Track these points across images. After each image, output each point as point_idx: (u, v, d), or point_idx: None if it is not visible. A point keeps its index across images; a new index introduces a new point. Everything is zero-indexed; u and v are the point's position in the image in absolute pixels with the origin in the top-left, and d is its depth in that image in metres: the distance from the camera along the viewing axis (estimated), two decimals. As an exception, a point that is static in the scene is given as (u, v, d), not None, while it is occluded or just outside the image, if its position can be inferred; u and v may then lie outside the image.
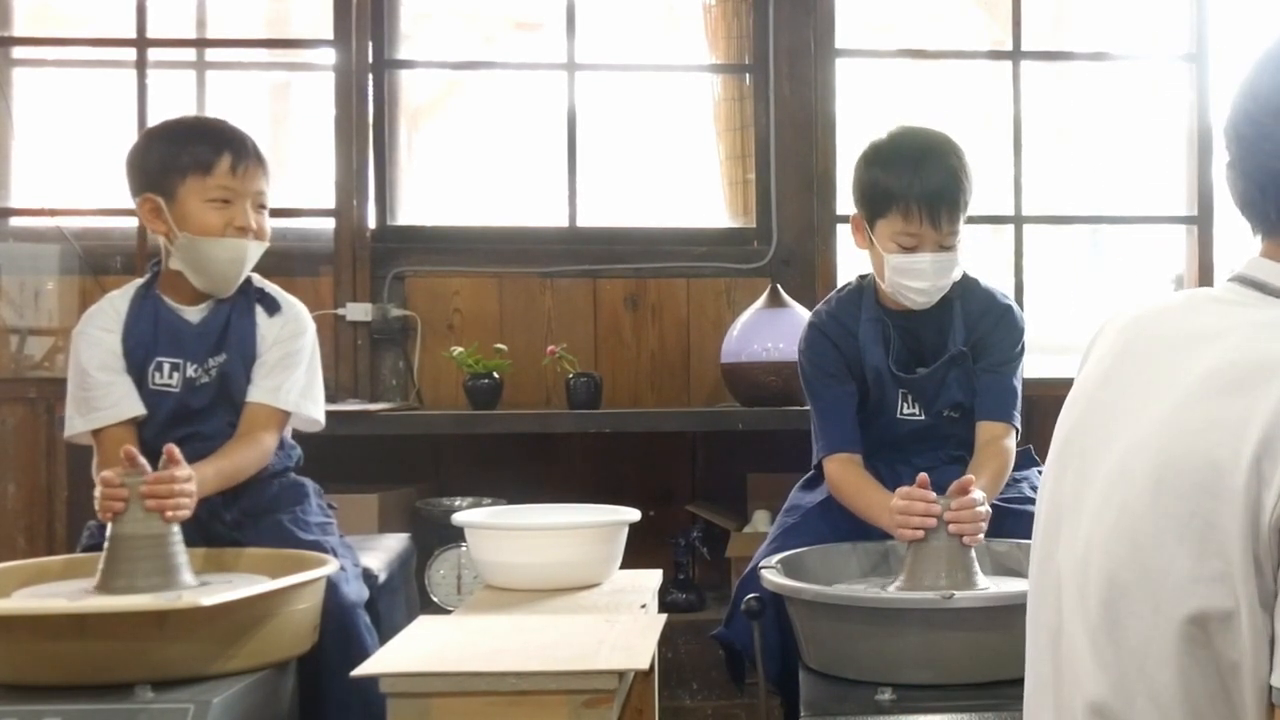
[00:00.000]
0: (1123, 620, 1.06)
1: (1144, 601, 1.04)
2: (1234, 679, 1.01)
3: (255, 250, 2.22)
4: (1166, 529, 1.03)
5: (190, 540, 2.07)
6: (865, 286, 2.39)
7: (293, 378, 2.27)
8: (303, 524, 2.25)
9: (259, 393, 2.24)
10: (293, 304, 2.34)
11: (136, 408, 2.18)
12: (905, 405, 2.37)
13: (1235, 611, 0.99)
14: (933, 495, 1.93)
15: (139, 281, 2.27)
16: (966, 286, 2.37)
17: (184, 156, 2.17)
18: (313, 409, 2.32)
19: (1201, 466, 1.01)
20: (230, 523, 2.20)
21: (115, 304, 2.25)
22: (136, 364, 2.21)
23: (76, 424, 2.19)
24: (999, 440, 2.30)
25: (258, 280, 2.31)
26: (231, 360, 2.24)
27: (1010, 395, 2.34)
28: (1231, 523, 0.99)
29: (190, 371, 2.22)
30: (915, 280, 2.25)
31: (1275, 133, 1.10)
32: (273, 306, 2.30)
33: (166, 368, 2.21)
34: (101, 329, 2.21)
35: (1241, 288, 1.13)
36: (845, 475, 2.28)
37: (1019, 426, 2.35)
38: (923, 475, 2.00)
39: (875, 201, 2.26)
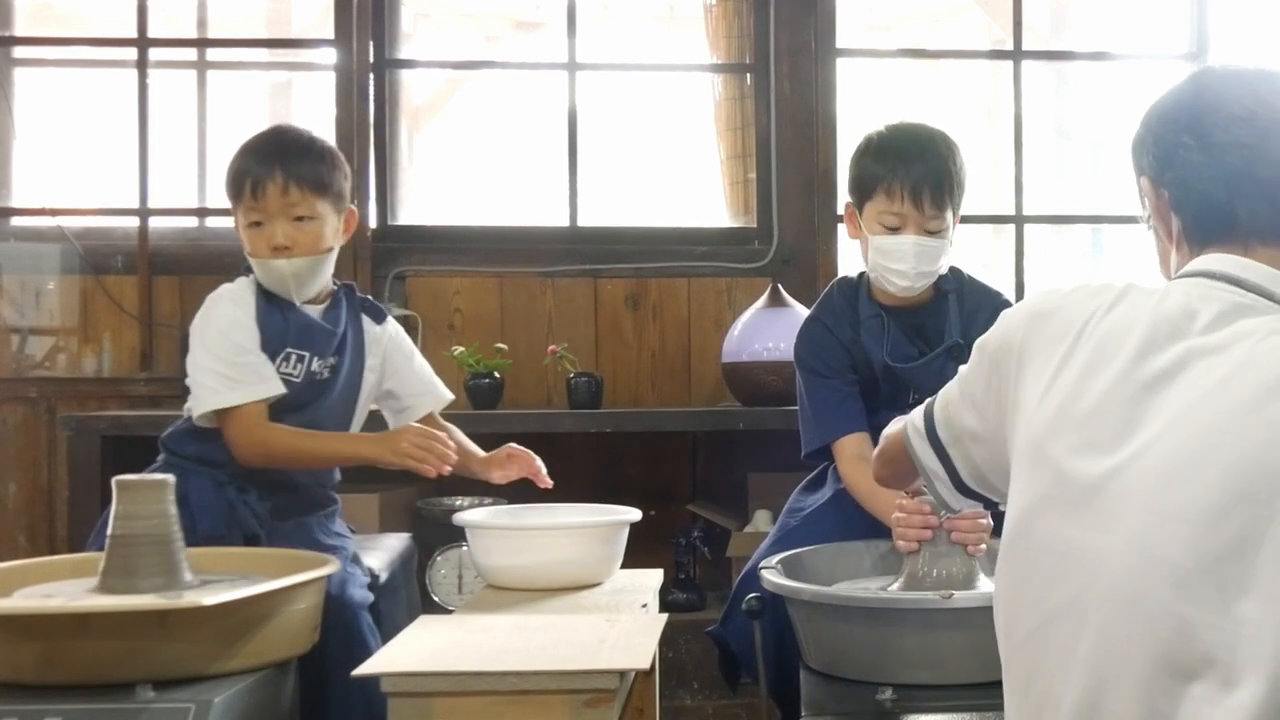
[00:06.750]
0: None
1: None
2: None
3: (297, 266, 2.22)
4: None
5: (226, 537, 2.12)
6: (861, 283, 2.40)
7: (430, 372, 2.49)
8: (326, 530, 2.29)
9: (437, 398, 2.47)
10: (387, 312, 2.47)
11: (280, 387, 2.20)
12: (906, 400, 2.36)
13: None
14: (929, 507, 1.93)
15: (248, 278, 2.26)
16: (962, 282, 2.38)
17: (231, 177, 2.23)
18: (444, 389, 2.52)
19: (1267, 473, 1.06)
20: (259, 518, 2.22)
21: (244, 293, 2.24)
22: (269, 352, 2.23)
23: (228, 397, 2.16)
24: None
25: (359, 289, 2.41)
26: (345, 361, 2.30)
27: None
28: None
29: (314, 365, 2.26)
30: (897, 262, 2.26)
31: (1247, 140, 1.22)
32: (379, 316, 2.40)
33: (294, 358, 2.24)
34: (244, 312, 2.22)
35: (1244, 292, 1.19)
36: (857, 474, 2.27)
37: None
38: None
39: (864, 186, 2.30)
